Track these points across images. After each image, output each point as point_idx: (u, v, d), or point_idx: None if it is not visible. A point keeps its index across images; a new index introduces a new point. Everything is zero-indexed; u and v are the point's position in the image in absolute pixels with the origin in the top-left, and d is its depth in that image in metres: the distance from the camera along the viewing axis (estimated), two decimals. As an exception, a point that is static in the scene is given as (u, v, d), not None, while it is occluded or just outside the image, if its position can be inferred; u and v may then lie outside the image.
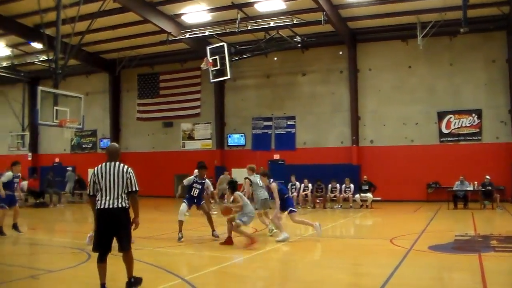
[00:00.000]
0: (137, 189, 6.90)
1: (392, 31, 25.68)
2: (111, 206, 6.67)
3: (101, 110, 33.84)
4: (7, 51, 30.69)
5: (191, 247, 11.16)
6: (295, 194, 23.37)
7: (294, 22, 22.95)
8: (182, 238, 11.84)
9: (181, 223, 12.14)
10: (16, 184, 13.81)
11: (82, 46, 26.50)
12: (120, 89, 33.96)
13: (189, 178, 13.01)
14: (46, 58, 25.17)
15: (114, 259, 7.13)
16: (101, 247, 6.77)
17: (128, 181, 6.84)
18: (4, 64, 31.80)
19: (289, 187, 23.73)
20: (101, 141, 34.26)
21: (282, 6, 23.12)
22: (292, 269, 9.18)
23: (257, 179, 13.47)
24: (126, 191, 6.82)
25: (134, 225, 6.96)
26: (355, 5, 23.35)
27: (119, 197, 6.73)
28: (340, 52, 27.05)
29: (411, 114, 25.60)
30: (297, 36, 24.79)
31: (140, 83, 32.87)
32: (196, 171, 13.64)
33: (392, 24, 25.15)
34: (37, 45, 28.20)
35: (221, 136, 30.13)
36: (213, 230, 12.40)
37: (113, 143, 7.68)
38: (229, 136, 30.12)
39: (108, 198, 6.71)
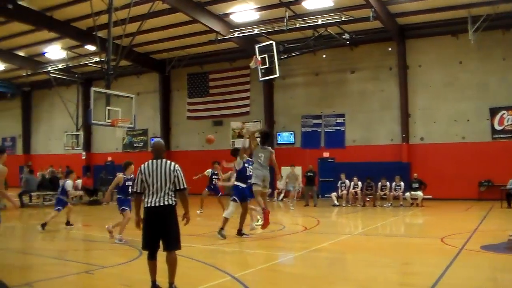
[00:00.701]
0: (185, 186, 6.85)
1: (442, 26, 25.14)
2: (158, 204, 6.65)
3: (151, 110, 34.40)
4: (63, 54, 31.59)
5: (241, 244, 11.22)
6: (344, 192, 23.26)
7: (342, 19, 22.79)
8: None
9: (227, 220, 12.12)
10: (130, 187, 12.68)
11: (133, 47, 27.00)
12: (170, 88, 34.42)
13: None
14: (99, 60, 25.76)
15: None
16: (149, 246, 6.80)
17: (176, 179, 6.76)
18: (60, 66, 32.74)
19: (338, 185, 23.67)
20: (152, 140, 34.76)
21: (330, 3, 22.97)
22: (342, 268, 9.14)
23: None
24: (173, 189, 6.78)
25: (185, 220, 6.95)
26: (404, 1, 22.98)
27: (166, 195, 6.70)
28: (389, 49, 26.67)
29: (462, 110, 25.03)
30: (345, 33, 24.62)
31: (190, 82, 33.23)
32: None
33: (442, 19, 24.63)
34: (90, 47, 28.97)
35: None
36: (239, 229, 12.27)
37: (158, 139, 7.60)
38: (279, 134, 30.13)
39: (155, 196, 6.69)
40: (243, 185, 12.26)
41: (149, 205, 6.71)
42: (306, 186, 24.26)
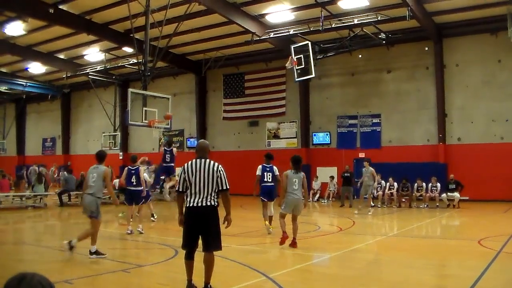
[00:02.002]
0: (228, 187, 6.83)
1: (480, 24, 24.69)
2: (200, 204, 6.63)
3: (188, 110, 34.69)
4: (101, 56, 32.14)
5: (275, 245, 11.24)
6: (380, 192, 23.10)
7: (379, 18, 22.61)
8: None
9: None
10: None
11: (169, 49, 27.27)
12: (206, 89, 34.66)
13: None
14: (136, 61, 26.15)
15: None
16: (188, 244, 6.82)
17: (219, 179, 6.74)
18: (98, 68, 33.32)
19: (376, 184, 23.49)
20: (188, 140, 35.11)
21: (365, 2, 22.80)
22: (377, 269, 9.10)
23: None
24: (216, 189, 6.75)
25: (226, 222, 6.94)
26: (441, -1, 22.67)
27: (209, 195, 6.67)
28: (426, 48, 26.35)
29: (501, 110, 24.54)
30: (381, 33, 24.41)
31: (226, 83, 33.42)
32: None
33: (479, 17, 24.20)
34: (128, 49, 29.40)
35: (306, 134, 30.12)
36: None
37: (202, 139, 7.66)
38: (314, 135, 30.06)
39: (198, 195, 6.68)
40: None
41: (190, 205, 6.72)
42: (342, 186, 24.14)
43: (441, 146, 25.66)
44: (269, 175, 14.16)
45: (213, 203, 6.68)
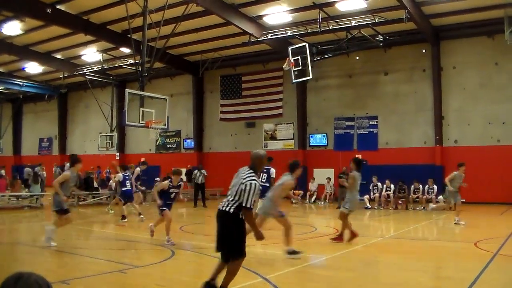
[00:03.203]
0: (248, 205, 6.31)
1: (477, 27, 24.78)
2: (220, 208, 6.50)
3: (185, 111, 34.69)
4: (98, 56, 32.13)
5: (272, 246, 11.24)
6: (377, 194, 23.13)
7: (376, 20, 22.66)
8: None
9: None
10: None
11: (167, 49, 27.29)
12: (204, 90, 34.66)
13: None
14: (133, 62, 26.12)
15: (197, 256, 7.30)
16: (216, 247, 6.70)
17: (242, 192, 6.31)
18: (95, 68, 33.31)
19: (370, 187, 23.55)
20: (185, 141, 35.12)
21: (363, 4, 22.84)
22: (374, 271, 9.10)
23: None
24: (236, 200, 6.38)
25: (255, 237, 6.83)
26: (438, 2, 22.73)
27: (229, 201, 6.45)
28: (423, 50, 26.41)
29: (498, 112, 24.61)
30: (379, 35, 24.45)
31: (223, 84, 33.42)
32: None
33: (477, 19, 24.29)
34: (125, 50, 29.40)
35: (303, 136, 30.16)
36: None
37: (258, 150, 7.10)
38: (311, 136, 30.09)
39: (225, 199, 6.57)
40: None
41: (218, 207, 6.63)
42: (339, 188, 24.12)
43: (438, 148, 25.71)
44: (265, 175, 14.64)
45: (229, 210, 6.40)
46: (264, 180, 14.46)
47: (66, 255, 10.26)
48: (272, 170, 15.17)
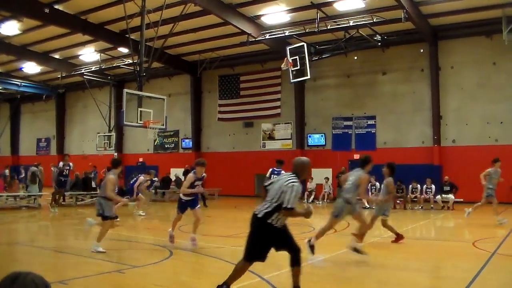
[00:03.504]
0: (288, 206, 6.12)
1: (475, 27, 24.83)
2: (254, 212, 6.41)
3: (183, 111, 34.68)
4: (96, 56, 32.11)
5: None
6: (374, 194, 23.12)
7: (374, 20, 22.70)
8: None
9: None
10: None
11: (165, 49, 27.26)
12: (202, 90, 34.67)
13: None
14: (131, 62, 26.13)
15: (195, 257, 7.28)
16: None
17: (283, 194, 6.17)
18: (93, 68, 33.30)
19: (368, 187, 23.52)
20: (183, 141, 35.11)
21: (361, 4, 22.83)
22: (372, 271, 9.09)
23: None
24: (273, 202, 6.22)
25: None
26: (436, 1, 22.74)
27: (263, 206, 6.33)
28: (421, 50, 26.45)
29: (496, 112, 24.65)
30: (377, 35, 24.48)
31: (221, 84, 33.41)
32: None
33: (475, 19, 24.32)
34: (123, 50, 29.38)
35: (301, 136, 30.16)
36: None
37: (302, 157, 6.91)
38: (309, 136, 30.10)
39: (260, 204, 6.44)
40: None
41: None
42: (338, 187, 24.12)
43: (436, 148, 25.73)
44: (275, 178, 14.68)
45: (258, 213, 6.34)
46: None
47: (64, 255, 10.25)
48: (283, 173, 15.36)
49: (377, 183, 23.25)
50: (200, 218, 11.36)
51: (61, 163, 21.44)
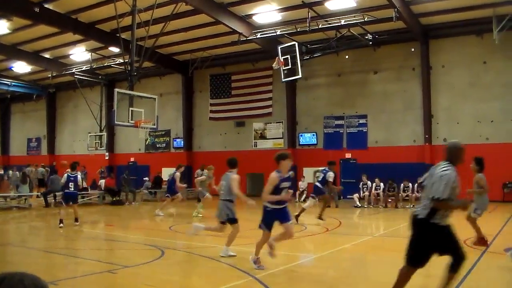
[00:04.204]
0: (439, 196, 5.49)
1: (466, 26, 24.93)
2: (414, 212, 5.85)
3: (174, 111, 34.62)
4: (87, 56, 31.96)
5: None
6: (366, 193, 23.20)
7: (365, 19, 22.71)
8: None
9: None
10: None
11: (156, 49, 27.20)
12: (193, 89, 34.62)
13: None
14: (122, 61, 26.05)
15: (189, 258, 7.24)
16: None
17: (433, 185, 5.58)
18: (84, 68, 33.13)
19: (360, 186, 23.61)
20: (175, 140, 35.05)
21: (352, 3, 22.88)
22: (363, 270, 9.12)
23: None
24: (429, 198, 5.58)
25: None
26: (427, 1, 22.83)
27: (423, 205, 5.71)
28: (412, 49, 26.54)
29: (486, 111, 24.78)
30: (368, 34, 24.51)
31: (213, 83, 33.37)
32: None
33: (466, 18, 24.42)
34: (114, 49, 29.28)
35: (292, 135, 30.18)
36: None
37: (454, 140, 6.31)
38: (301, 135, 30.13)
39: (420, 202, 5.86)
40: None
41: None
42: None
43: (427, 147, 25.82)
44: (321, 175, 16.78)
45: (420, 216, 5.66)
46: (320, 180, 15.13)
47: (55, 256, 10.21)
48: (330, 174, 15.65)
49: (369, 182, 23.32)
50: (292, 234, 9.02)
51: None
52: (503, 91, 24.45)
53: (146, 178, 29.23)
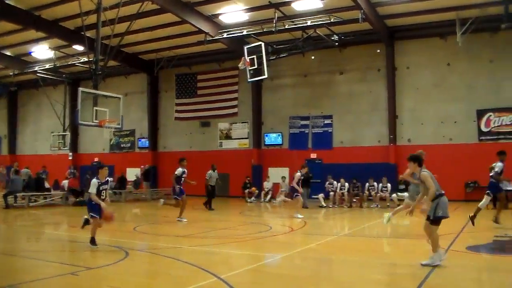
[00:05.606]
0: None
1: (431, 28, 25.36)
2: None
3: (139, 110, 34.33)
4: (50, 54, 31.40)
5: (227, 246, 11.20)
6: (331, 193, 23.35)
7: (332, 20, 22.86)
8: None
9: None
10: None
11: (121, 48, 26.94)
12: (159, 89, 34.38)
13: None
14: (87, 60, 25.66)
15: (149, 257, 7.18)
16: None
17: None
18: (47, 66, 32.55)
19: (325, 186, 23.77)
20: (139, 140, 34.77)
21: (319, 4, 23.02)
22: (329, 269, 9.14)
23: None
24: None
25: None
26: (393, 3, 23.09)
27: None
28: (378, 50, 26.84)
29: (450, 112, 25.23)
30: (334, 35, 24.69)
31: (178, 83, 33.19)
32: None
33: (430, 21, 24.84)
34: (78, 47, 28.84)
35: (258, 135, 30.21)
36: None
37: None
38: (266, 135, 30.17)
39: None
40: None
41: None
42: (302, 187, 23.82)
43: (392, 147, 26.13)
44: None
45: None
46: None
47: (16, 259, 9.96)
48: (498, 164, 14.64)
49: (334, 182, 23.49)
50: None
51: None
52: (466, 92, 24.92)
53: (111, 179, 28.82)
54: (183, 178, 16.51)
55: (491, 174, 14.73)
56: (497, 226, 13.86)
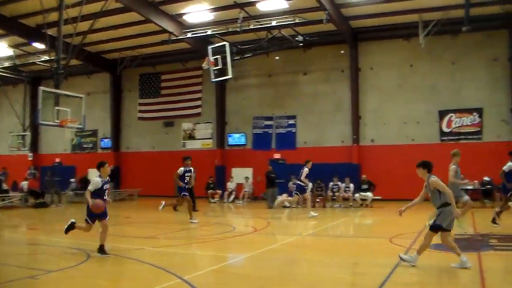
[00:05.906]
0: None
1: (394, 30, 25.69)
2: None
3: (102, 110, 33.89)
4: (9, 52, 30.70)
5: (190, 246, 11.15)
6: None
7: (296, 21, 22.94)
8: None
9: None
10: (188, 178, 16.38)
11: (83, 46, 26.57)
12: (122, 89, 34.01)
13: None
14: (48, 58, 25.21)
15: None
16: None
17: None
18: (6, 64, 31.81)
19: (289, 186, 23.86)
20: (102, 141, 34.32)
21: (284, 5, 23.11)
22: (292, 269, 9.16)
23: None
24: None
25: None
26: (357, 4, 23.32)
27: None
28: (342, 51, 27.06)
29: (412, 113, 25.60)
30: (299, 35, 24.75)
31: (142, 83, 32.90)
32: None
33: (394, 23, 25.14)
34: (39, 45, 28.24)
35: (221, 135, 30.15)
36: None
37: None
38: (230, 136, 30.14)
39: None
40: None
41: None
42: (268, 188, 23.81)
43: (355, 147, 26.38)
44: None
45: None
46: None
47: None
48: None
49: (298, 182, 23.58)
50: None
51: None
52: (428, 93, 25.32)
53: (72, 179, 28.43)
54: (187, 177, 16.28)
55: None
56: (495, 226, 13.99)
